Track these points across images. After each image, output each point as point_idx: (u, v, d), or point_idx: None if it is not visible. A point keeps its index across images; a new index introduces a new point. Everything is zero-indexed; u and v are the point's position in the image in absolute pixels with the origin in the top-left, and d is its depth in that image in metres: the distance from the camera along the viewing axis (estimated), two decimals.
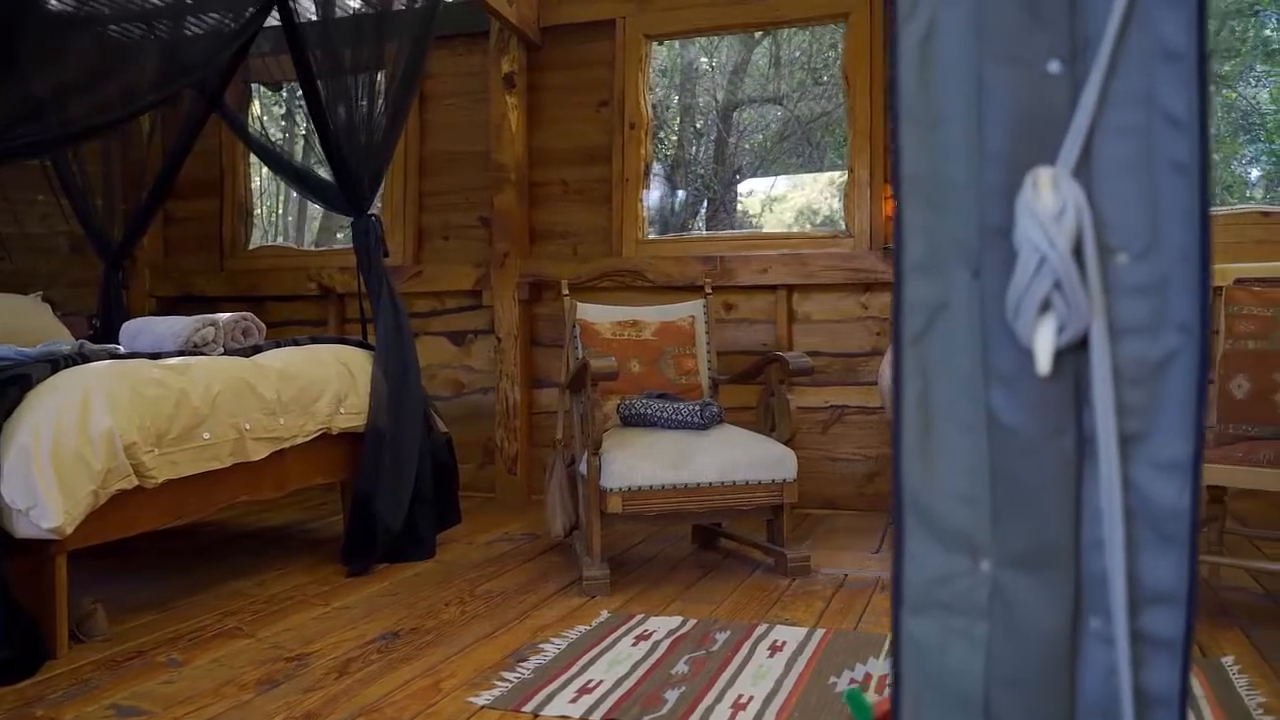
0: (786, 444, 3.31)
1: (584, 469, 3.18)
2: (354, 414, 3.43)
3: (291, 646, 2.61)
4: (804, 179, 7.23)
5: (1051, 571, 0.76)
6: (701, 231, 6.65)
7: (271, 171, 4.78)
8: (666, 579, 3.25)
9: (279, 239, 7.23)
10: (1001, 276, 0.77)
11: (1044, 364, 0.74)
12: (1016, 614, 0.77)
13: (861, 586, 3.13)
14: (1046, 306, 0.74)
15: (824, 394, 4.28)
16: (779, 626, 2.71)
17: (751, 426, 3.53)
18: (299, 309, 5.05)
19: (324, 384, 3.34)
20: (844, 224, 4.39)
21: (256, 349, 3.40)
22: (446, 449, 3.73)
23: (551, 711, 2.15)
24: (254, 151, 4.33)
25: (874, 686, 2.26)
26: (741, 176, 7.21)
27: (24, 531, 2.42)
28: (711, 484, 3.15)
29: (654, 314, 3.82)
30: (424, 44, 3.61)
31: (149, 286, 5.21)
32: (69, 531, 2.43)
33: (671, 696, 2.22)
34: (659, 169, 6.60)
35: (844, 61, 4.36)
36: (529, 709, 2.17)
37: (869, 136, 4.23)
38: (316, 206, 6.00)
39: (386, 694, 2.27)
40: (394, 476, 3.42)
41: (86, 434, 2.49)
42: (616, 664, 2.43)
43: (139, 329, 3.62)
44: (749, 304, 4.39)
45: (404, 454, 3.46)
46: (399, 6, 3.62)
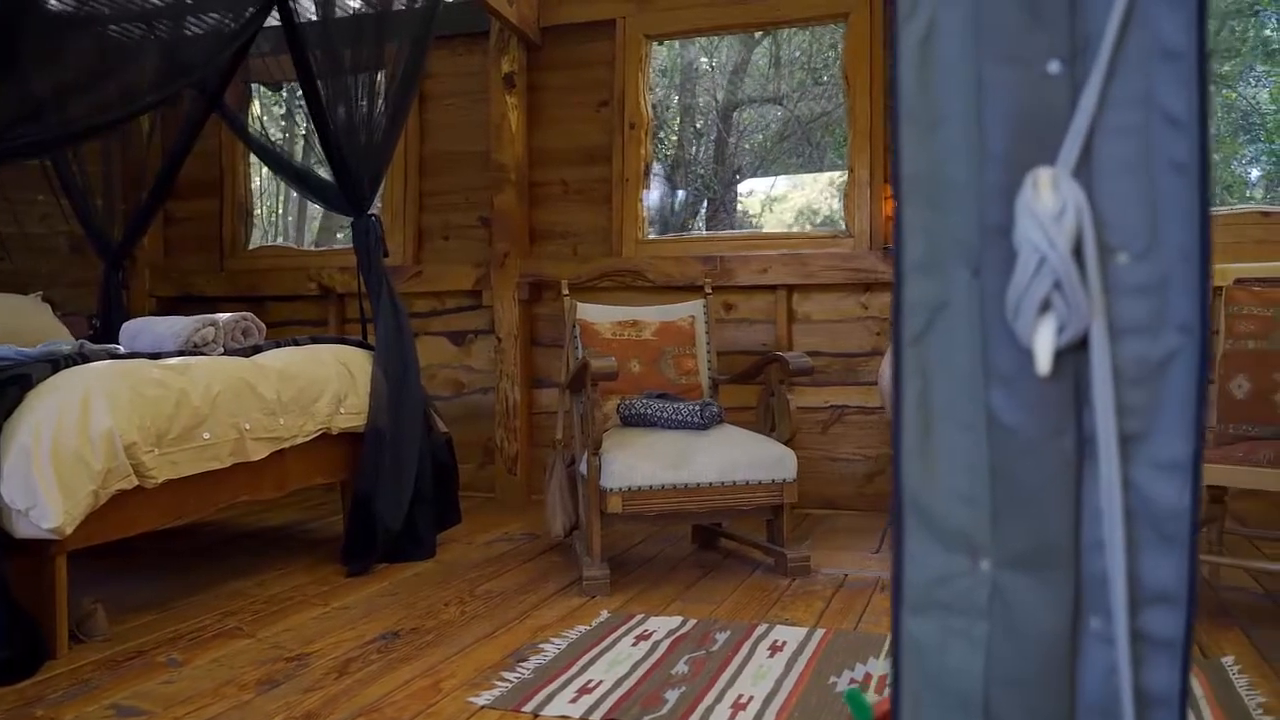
0: (786, 444, 3.31)
1: (584, 469, 3.18)
2: (354, 414, 3.43)
3: (291, 646, 2.61)
4: (804, 179, 7.23)
5: (1051, 571, 0.76)
6: (701, 231, 6.64)
7: (271, 171, 4.78)
8: (666, 579, 3.25)
9: (279, 239, 7.23)
10: (1001, 276, 0.77)
11: (1044, 364, 0.74)
12: (1016, 614, 0.77)
13: (862, 586, 3.13)
14: (1046, 306, 0.74)
15: (824, 394, 4.28)
16: (779, 626, 2.71)
17: (751, 426, 3.53)
18: (299, 309, 5.05)
19: (324, 384, 3.34)
20: (844, 224, 4.39)
21: (256, 349, 3.40)
22: (446, 449, 3.73)
23: (551, 711, 2.15)
24: (254, 151, 4.33)
25: (874, 686, 2.26)
26: (741, 176, 7.21)
27: (24, 532, 2.42)
28: (711, 484, 3.15)
29: (654, 314, 3.82)
30: (424, 44, 3.61)
31: (149, 286, 5.21)
32: (69, 532, 2.43)
33: (671, 696, 2.22)
34: (659, 169, 6.60)
35: (844, 61, 4.35)
36: (529, 709, 2.17)
37: (869, 136, 4.23)
38: (317, 206, 6.00)
39: (386, 694, 2.27)
40: (394, 476, 3.42)
41: (86, 434, 2.49)
42: (616, 664, 2.43)
43: (139, 329, 3.62)
44: (749, 304, 4.39)
45: (404, 454, 3.46)
46: (399, 6, 3.62)
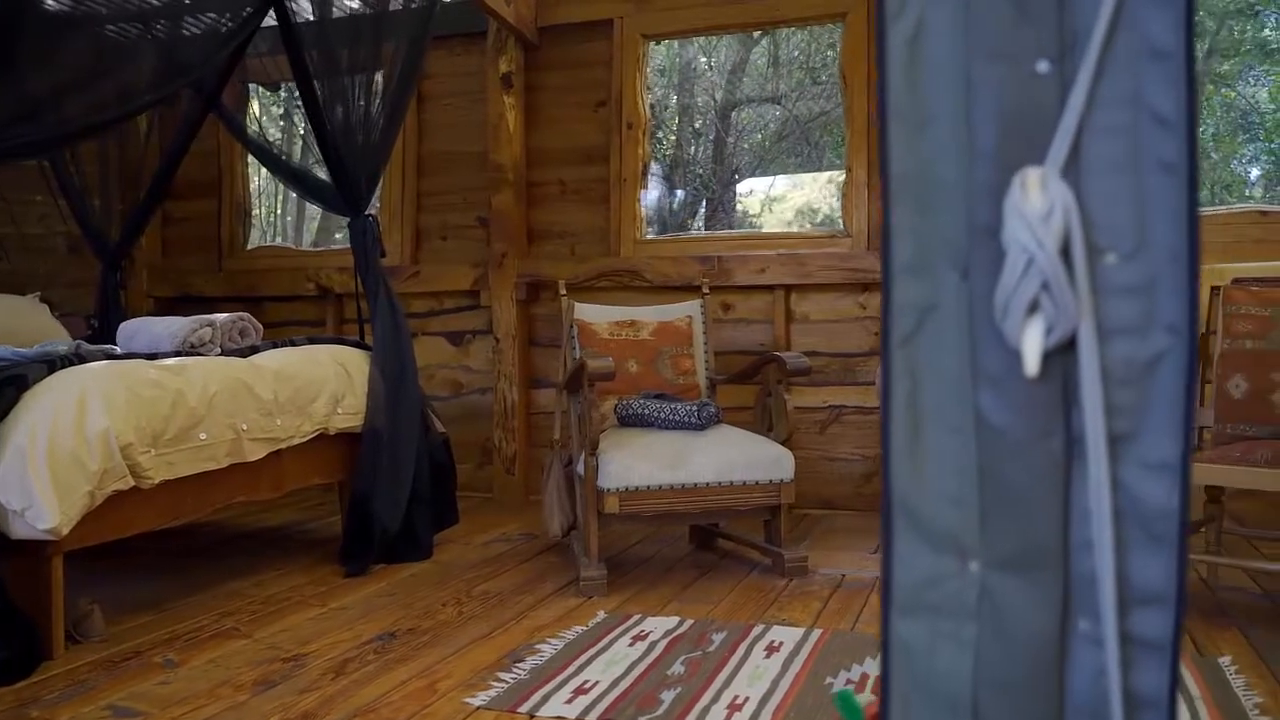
0: (784, 444, 3.31)
1: (581, 469, 3.18)
2: (351, 414, 3.43)
3: (288, 647, 2.61)
4: (803, 179, 7.23)
5: (1040, 573, 0.76)
6: (701, 231, 6.64)
7: (269, 172, 4.78)
8: (663, 579, 3.25)
9: (277, 239, 7.23)
10: (990, 277, 0.76)
11: (1032, 365, 0.74)
12: (1005, 616, 0.76)
13: (859, 587, 3.13)
14: (1035, 307, 0.74)
15: (822, 394, 4.27)
16: (776, 627, 2.71)
17: (749, 427, 3.53)
18: (297, 309, 5.05)
19: (321, 384, 3.34)
20: (842, 224, 4.39)
21: (253, 349, 3.40)
22: (444, 449, 3.72)
23: (547, 712, 2.15)
24: (251, 152, 4.33)
25: (870, 687, 2.25)
26: (740, 176, 7.21)
27: (20, 532, 2.42)
28: (709, 484, 3.14)
29: (651, 314, 3.82)
30: (421, 44, 3.61)
31: (147, 287, 5.20)
32: (65, 532, 2.43)
33: (668, 697, 2.22)
34: (657, 169, 6.60)
35: (842, 61, 4.35)
36: (525, 709, 2.16)
37: (867, 136, 4.22)
38: (315, 207, 6.00)
39: (382, 694, 2.27)
40: (391, 477, 3.42)
41: (83, 434, 2.49)
42: (613, 664, 2.43)
43: (136, 329, 3.62)
44: (746, 304, 4.38)
45: (401, 454, 3.46)
46: (396, 6, 3.62)
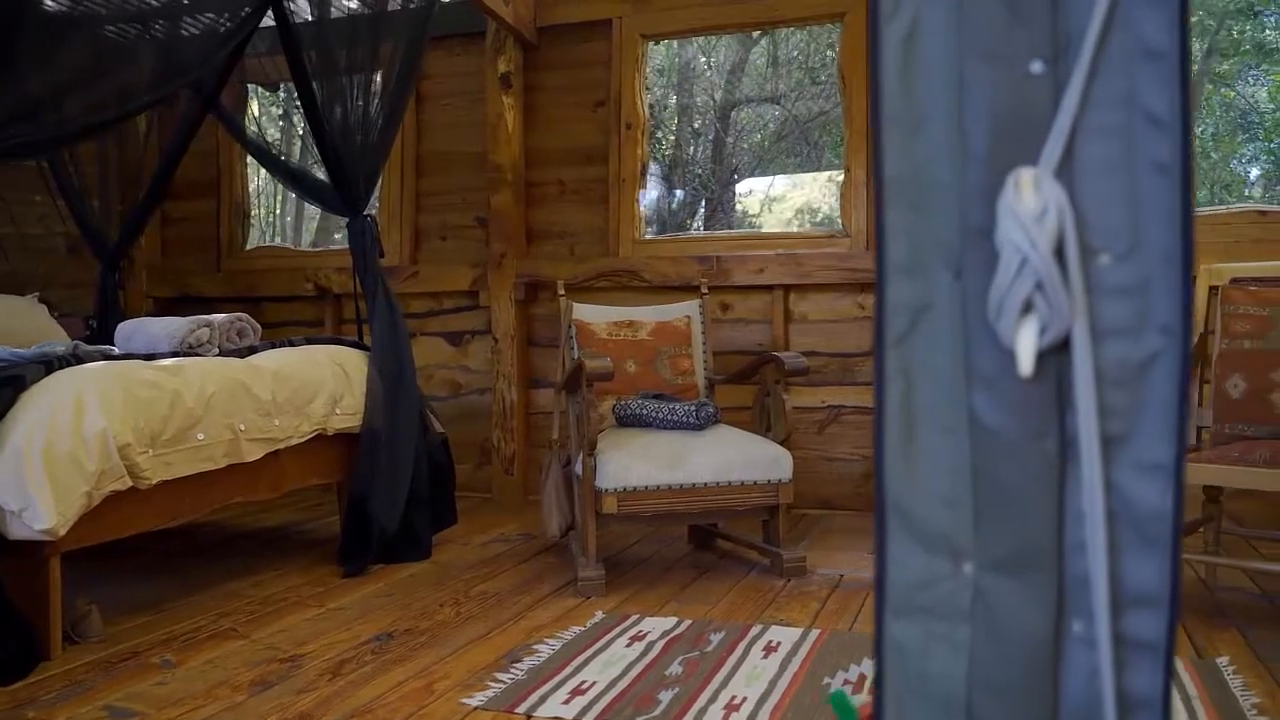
0: (782, 444, 3.31)
1: (579, 469, 3.18)
2: (349, 415, 3.43)
3: (286, 647, 2.61)
4: (803, 178, 7.23)
5: (1034, 574, 0.76)
6: (700, 231, 6.64)
7: (268, 172, 4.78)
8: (662, 580, 3.25)
9: (276, 239, 7.23)
10: (984, 278, 0.76)
11: (1026, 366, 0.74)
12: (999, 617, 0.76)
13: (857, 587, 3.12)
14: (1028, 308, 0.74)
15: (820, 394, 4.27)
16: (774, 627, 2.70)
17: (747, 427, 3.52)
18: (296, 309, 5.04)
19: (319, 385, 3.34)
20: (841, 224, 4.39)
21: (251, 350, 3.40)
22: (443, 449, 3.72)
23: (544, 713, 2.15)
24: (250, 152, 4.33)
25: (867, 688, 2.25)
26: (739, 176, 7.21)
27: (17, 533, 2.41)
28: (707, 484, 3.14)
29: (650, 314, 3.82)
30: (420, 44, 3.60)
31: (146, 287, 5.20)
32: (62, 533, 2.43)
33: (665, 697, 2.22)
34: (656, 169, 6.60)
35: (841, 61, 4.35)
36: (522, 710, 2.16)
37: (866, 136, 4.22)
38: (314, 207, 5.99)
39: (379, 695, 2.27)
40: (390, 477, 3.42)
41: (80, 435, 2.49)
42: (610, 665, 2.43)
43: (134, 330, 3.62)
44: (745, 304, 4.38)
45: (400, 455, 3.46)
46: (394, 7, 3.62)
